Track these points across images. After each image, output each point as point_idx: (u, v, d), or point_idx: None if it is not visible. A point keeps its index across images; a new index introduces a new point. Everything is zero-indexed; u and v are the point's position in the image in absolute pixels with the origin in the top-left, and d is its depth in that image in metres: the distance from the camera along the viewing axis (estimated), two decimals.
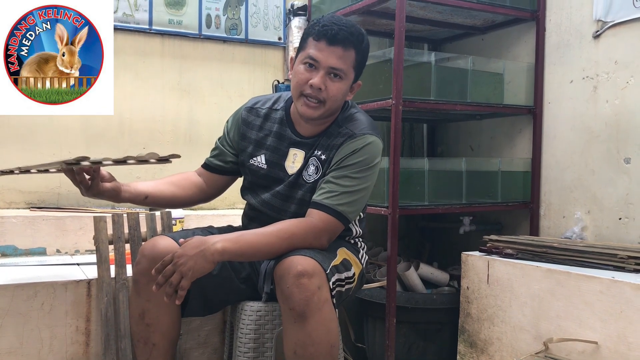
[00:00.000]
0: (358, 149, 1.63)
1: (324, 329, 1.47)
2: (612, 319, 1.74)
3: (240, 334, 1.71)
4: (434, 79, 2.33)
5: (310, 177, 1.69)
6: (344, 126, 1.68)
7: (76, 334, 1.86)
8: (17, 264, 2.07)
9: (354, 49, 1.61)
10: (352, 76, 1.65)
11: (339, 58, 1.59)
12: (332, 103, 1.62)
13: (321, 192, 1.61)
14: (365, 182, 1.65)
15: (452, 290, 2.54)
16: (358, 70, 1.67)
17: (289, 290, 1.44)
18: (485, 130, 2.88)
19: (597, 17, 2.32)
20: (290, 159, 1.71)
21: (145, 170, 2.56)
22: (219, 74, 2.77)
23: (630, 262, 1.85)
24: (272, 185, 1.73)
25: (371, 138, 1.66)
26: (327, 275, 1.50)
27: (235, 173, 1.85)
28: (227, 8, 2.78)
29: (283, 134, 1.73)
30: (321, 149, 1.68)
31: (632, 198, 2.20)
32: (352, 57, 1.61)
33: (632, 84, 2.21)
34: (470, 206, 2.49)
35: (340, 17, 1.64)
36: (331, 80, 1.60)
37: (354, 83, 1.69)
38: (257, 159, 1.75)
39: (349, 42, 1.59)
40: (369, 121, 1.72)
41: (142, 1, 2.60)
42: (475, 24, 2.74)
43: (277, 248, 1.54)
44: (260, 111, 1.78)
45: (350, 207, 1.62)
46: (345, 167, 1.63)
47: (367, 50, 1.68)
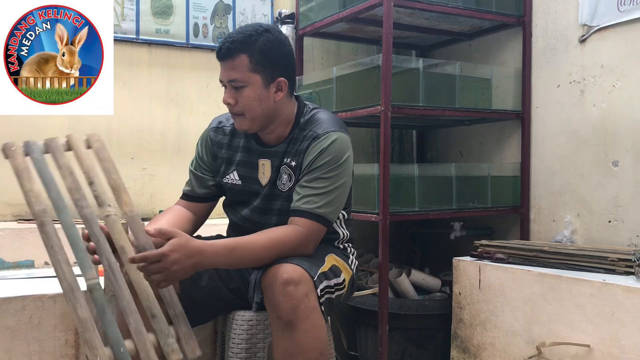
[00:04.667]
0: (324, 149, 1.62)
1: (312, 337, 1.46)
2: (604, 322, 1.74)
3: (231, 344, 1.70)
4: (422, 85, 2.34)
5: (284, 186, 1.68)
6: (307, 129, 1.68)
7: (65, 347, 1.84)
8: (5, 277, 2.04)
9: (243, 53, 1.59)
10: (257, 78, 1.60)
11: (230, 70, 1.60)
12: (251, 111, 1.62)
13: (297, 198, 1.61)
14: (339, 180, 1.63)
15: (444, 296, 2.54)
16: (264, 69, 1.61)
17: (276, 298, 1.44)
18: (474, 136, 2.89)
19: (583, 21, 2.34)
20: (261, 170, 1.71)
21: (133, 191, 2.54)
22: (207, 82, 2.76)
23: (621, 265, 1.86)
24: (250, 200, 1.73)
25: (335, 135, 1.64)
26: (315, 282, 1.50)
27: (219, 195, 1.83)
28: (215, 17, 2.78)
29: (250, 147, 1.73)
30: (289, 156, 1.68)
31: (621, 201, 2.21)
32: (244, 62, 1.59)
33: (619, 88, 2.22)
34: (460, 211, 2.50)
35: (242, 27, 1.64)
36: (237, 91, 1.61)
37: (272, 82, 1.63)
38: (230, 177, 1.75)
39: (233, 50, 1.59)
40: (331, 118, 1.70)
41: (129, 11, 2.59)
42: (462, 30, 2.76)
43: (261, 256, 1.53)
44: (225, 129, 1.78)
45: (328, 207, 1.61)
46: (315, 169, 1.62)
47: (267, 46, 1.61)
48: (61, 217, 1.37)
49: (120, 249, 1.39)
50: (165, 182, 2.67)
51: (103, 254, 1.37)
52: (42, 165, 1.42)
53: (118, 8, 2.56)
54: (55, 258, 1.32)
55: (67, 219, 1.37)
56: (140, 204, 2.63)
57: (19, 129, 2.41)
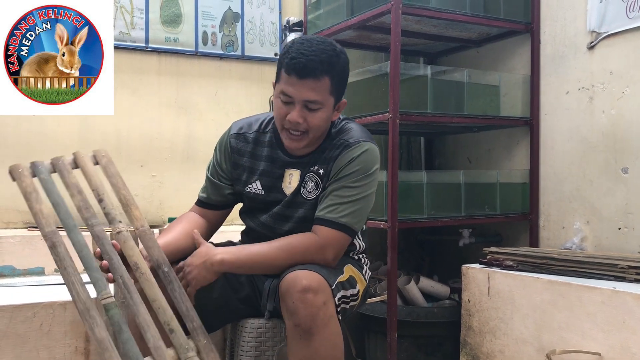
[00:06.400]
0: (355, 158, 1.60)
1: (330, 345, 1.45)
2: (615, 330, 1.73)
3: (240, 352, 1.69)
4: (430, 92, 2.34)
5: (310, 193, 1.65)
6: (338, 137, 1.65)
7: (75, 355, 1.84)
8: (16, 284, 2.05)
9: (327, 76, 1.53)
10: (332, 101, 1.58)
11: (311, 90, 1.52)
12: (316, 132, 1.59)
13: (322, 207, 1.59)
14: (366, 191, 1.61)
15: (453, 303, 2.53)
16: (338, 92, 1.60)
17: (294, 305, 1.42)
18: (482, 143, 2.89)
19: (591, 28, 2.33)
20: (287, 180, 1.67)
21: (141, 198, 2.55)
22: (216, 90, 2.78)
23: (631, 272, 1.85)
24: (270, 207, 1.70)
25: (367, 145, 1.62)
26: (333, 290, 1.49)
27: (235, 202, 1.81)
28: (223, 25, 2.80)
29: (275, 157, 1.69)
30: (317, 163, 1.65)
31: (631, 207, 2.20)
32: (326, 84, 1.54)
33: (628, 94, 2.21)
34: (469, 218, 2.49)
35: (311, 42, 1.55)
36: (309, 111, 1.55)
37: (337, 103, 1.62)
38: (252, 186, 1.70)
39: (319, 71, 1.51)
40: (362, 129, 1.68)
41: (139, 20, 2.61)
42: (470, 37, 2.76)
43: (277, 262, 1.53)
44: (248, 136, 1.72)
45: (353, 217, 1.59)
46: (343, 177, 1.59)
47: (345, 68, 1.61)
48: (71, 236, 1.37)
49: (134, 266, 1.39)
50: (174, 190, 2.68)
51: (117, 272, 1.36)
52: (50, 185, 1.42)
53: (127, 17, 2.59)
54: (69, 279, 1.31)
55: (79, 238, 1.37)
56: (149, 211, 2.64)
57: (30, 137, 2.43)
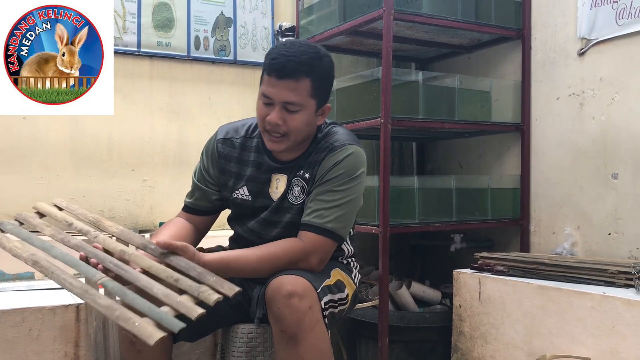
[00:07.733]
0: (339, 161, 1.58)
1: (316, 351, 1.44)
2: (605, 335, 1.74)
3: (231, 357, 1.69)
4: (422, 98, 2.35)
5: (296, 198, 1.64)
6: (323, 141, 1.64)
7: None
8: (5, 289, 2.04)
9: (307, 78, 1.51)
10: (313, 103, 1.56)
11: (291, 91, 1.50)
12: (296, 134, 1.57)
13: (308, 212, 1.59)
14: (351, 194, 1.60)
15: (444, 308, 2.53)
16: (320, 95, 1.57)
17: (280, 311, 1.42)
18: (473, 148, 2.90)
19: (581, 35, 2.35)
20: (274, 185, 1.67)
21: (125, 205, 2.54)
22: (208, 95, 2.78)
23: (621, 277, 1.86)
24: (258, 213, 1.69)
25: (352, 148, 1.61)
26: (319, 294, 1.49)
27: (222, 208, 1.80)
28: (216, 30, 2.80)
29: (261, 162, 1.68)
30: (303, 167, 1.64)
31: (621, 213, 2.21)
32: (306, 86, 1.52)
33: (617, 101, 2.23)
34: (460, 223, 2.50)
35: (294, 44, 1.54)
36: (288, 113, 1.53)
37: (320, 107, 1.59)
38: (239, 192, 1.69)
39: (299, 72, 1.50)
40: (347, 133, 1.67)
41: (131, 24, 2.61)
42: (461, 43, 2.77)
43: (259, 269, 1.52)
44: (235, 142, 1.71)
45: (339, 222, 1.58)
46: (328, 181, 1.58)
47: (329, 72, 1.59)
48: (52, 253, 1.40)
49: (120, 252, 1.39)
50: (166, 194, 2.68)
51: (106, 260, 1.36)
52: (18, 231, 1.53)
53: (120, 21, 2.58)
54: (60, 277, 1.30)
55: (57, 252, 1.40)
56: (140, 215, 2.63)
57: (21, 141, 2.42)
